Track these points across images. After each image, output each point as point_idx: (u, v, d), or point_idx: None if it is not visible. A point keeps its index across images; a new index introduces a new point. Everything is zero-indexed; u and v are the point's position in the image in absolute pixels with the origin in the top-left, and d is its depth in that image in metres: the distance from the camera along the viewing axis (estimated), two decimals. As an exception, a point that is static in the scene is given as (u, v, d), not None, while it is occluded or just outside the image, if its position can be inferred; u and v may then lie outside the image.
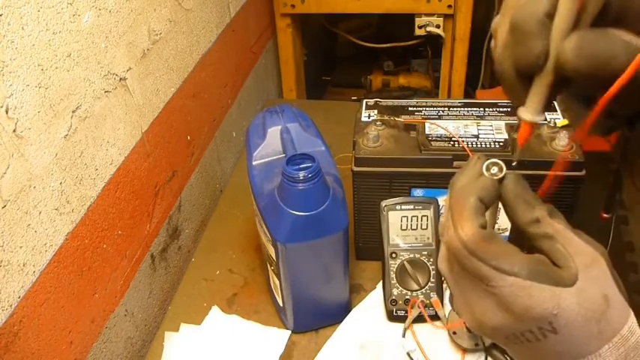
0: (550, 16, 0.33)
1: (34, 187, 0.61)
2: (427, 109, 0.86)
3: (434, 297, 0.78)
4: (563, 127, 0.80)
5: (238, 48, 1.21)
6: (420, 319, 0.78)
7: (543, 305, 0.32)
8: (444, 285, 0.80)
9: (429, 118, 0.84)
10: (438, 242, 0.79)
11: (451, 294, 0.40)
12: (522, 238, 0.37)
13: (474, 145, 0.78)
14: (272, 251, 0.73)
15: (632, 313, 0.34)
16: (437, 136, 0.80)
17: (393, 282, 0.79)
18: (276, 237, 0.69)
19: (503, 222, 0.82)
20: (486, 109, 0.85)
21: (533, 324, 0.33)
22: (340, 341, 0.79)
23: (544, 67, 0.34)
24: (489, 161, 0.37)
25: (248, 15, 1.25)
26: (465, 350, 0.75)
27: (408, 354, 0.75)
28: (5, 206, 0.56)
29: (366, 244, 0.88)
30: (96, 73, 0.70)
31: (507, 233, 0.82)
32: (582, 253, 0.34)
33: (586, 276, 0.33)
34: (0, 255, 0.56)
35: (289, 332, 0.81)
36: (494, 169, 0.37)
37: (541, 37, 0.33)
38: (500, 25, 0.37)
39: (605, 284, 0.34)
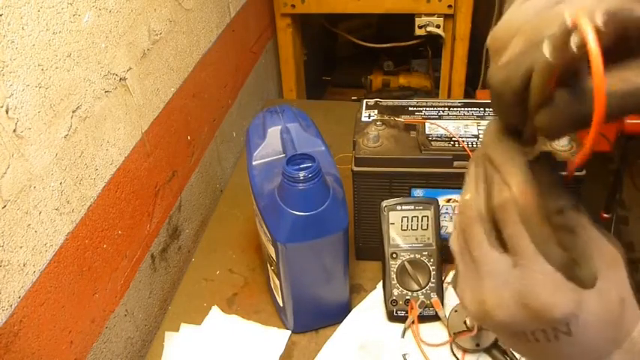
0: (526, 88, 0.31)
1: (34, 187, 0.61)
2: (427, 109, 0.86)
3: (434, 297, 0.78)
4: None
5: (238, 48, 1.21)
6: (420, 319, 0.78)
7: (566, 305, 0.30)
8: (445, 285, 0.80)
9: (429, 118, 0.84)
10: (438, 242, 0.79)
11: (455, 276, 0.37)
12: None
13: (474, 145, 0.78)
14: (272, 251, 0.73)
15: None
16: (437, 136, 0.80)
17: (393, 282, 0.79)
18: (276, 237, 0.69)
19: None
20: (486, 109, 0.85)
21: (549, 324, 0.31)
22: (340, 341, 0.79)
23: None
24: None
25: (248, 15, 1.25)
26: (465, 351, 0.75)
27: (404, 356, 0.75)
28: (5, 206, 0.56)
29: (366, 244, 0.88)
30: (96, 73, 0.70)
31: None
32: (603, 252, 0.32)
33: (607, 277, 0.31)
34: (0, 255, 0.56)
35: (289, 332, 0.81)
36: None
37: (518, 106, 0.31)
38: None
39: (622, 287, 0.32)
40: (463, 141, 0.78)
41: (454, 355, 0.75)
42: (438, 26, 1.29)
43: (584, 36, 0.26)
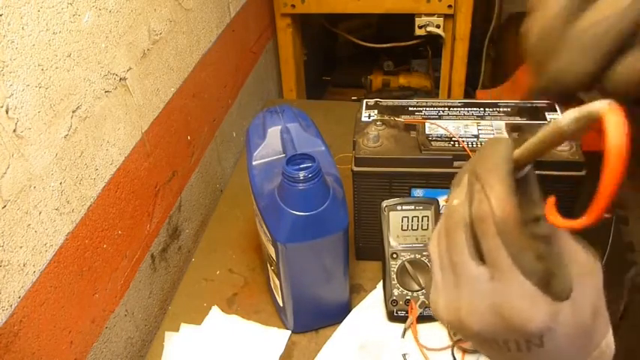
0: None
1: (34, 187, 0.61)
2: (427, 109, 0.86)
3: (434, 297, 0.78)
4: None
5: (238, 48, 1.21)
6: (420, 319, 0.78)
7: (541, 320, 0.30)
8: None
9: (429, 118, 0.84)
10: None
11: (428, 282, 0.37)
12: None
13: (474, 145, 0.78)
14: (272, 251, 0.73)
15: (610, 326, 0.33)
16: (437, 136, 0.80)
17: (393, 282, 0.79)
18: (276, 237, 0.69)
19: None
20: (486, 109, 0.85)
21: (522, 337, 0.31)
22: (340, 341, 0.79)
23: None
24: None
25: (248, 15, 1.25)
26: (465, 351, 0.75)
27: (404, 356, 0.75)
28: (5, 206, 0.56)
29: (367, 244, 0.88)
30: (96, 73, 0.70)
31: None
32: (579, 262, 0.32)
33: (581, 288, 0.31)
34: (0, 255, 0.56)
35: (289, 332, 0.81)
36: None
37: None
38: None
39: (596, 297, 0.32)
40: (463, 141, 0.78)
41: (454, 355, 0.75)
42: (438, 26, 1.28)
43: None
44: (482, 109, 0.86)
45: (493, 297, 0.31)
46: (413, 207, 0.79)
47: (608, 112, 0.26)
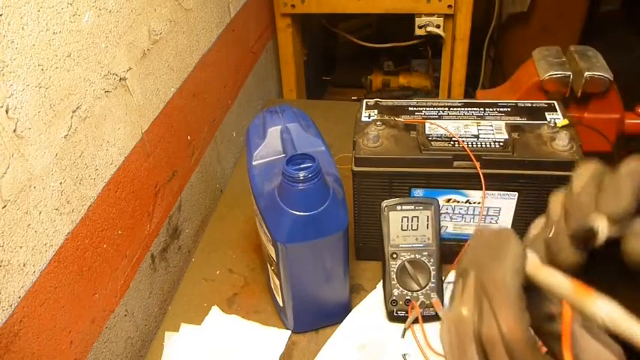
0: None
1: (34, 187, 0.61)
2: (427, 109, 0.86)
3: (434, 297, 0.78)
4: (564, 127, 0.80)
5: (238, 48, 1.21)
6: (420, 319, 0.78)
7: None
8: (444, 285, 0.80)
9: (429, 118, 0.84)
10: (438, 242, 0.79)
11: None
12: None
13: (474, 145, 0.78)
14: (272, 251, 0.73)
15: None
16: (437, 136, 0.80)
17: (393, 282, 0.79)
18: (276, 237, 0.69)
19: (503, 222, 0.82)
20: (486, 109, 0.85)
21: None
22: (340, 341, 0.79)
23: None
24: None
25: (248, 15, 1.25)
26: (465, 350, 0.75)
27: (404, 356, 0.75)
28: (5, 206, 0.56)
29: (366, 244, 0.88)
30: (96, 73, 0.70)
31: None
32: None
33: None
34: (0, 255, 0.56)
35: (289, 332, 0.81)
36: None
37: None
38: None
39: None
40: (463, 141, 0.78)
41: None
42: (438, 26, 1.29)
43: None
44: (482, 109, 0.86)
45: None
46: (413, 207, 0.79)
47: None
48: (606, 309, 0.27)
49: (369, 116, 0.86)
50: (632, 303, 0.33)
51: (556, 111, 0.85)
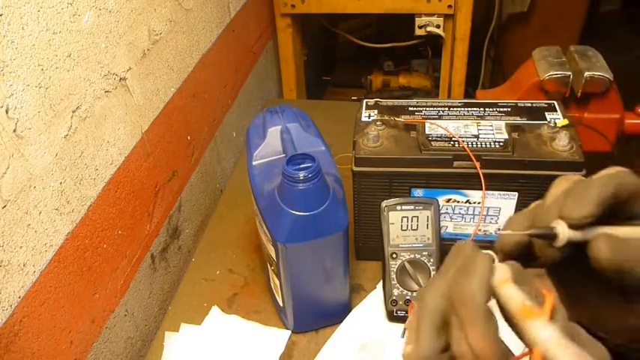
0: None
1: (34, 187, 0.61)
2: (427, 109, 0.86)
3: (434, 297, 0.78)
4: (564, 127, 0.80)
5: (238, 48, 1.21)
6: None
7: None
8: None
9: (429, 118, 0.84)
10: (438, 242, 0.79)
11: None
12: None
13: (474, 145, 0.78)
14: (272, 251, 0.73)
15: None
16: (437, 136, 0.80)
17: (393, 282, 0.79)
18: (276, 237, 0.69)
19: (503, 222, 0.82)
20: (486, 109, 0.85)
21: None
22: (340, 341, 0.79)
23: None
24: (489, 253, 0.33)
25: (248, 15, 1.25)
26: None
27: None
28: (5, 206, 0.56)
29: (366, 244, 0.88)
30: (96, 73, 0.70)
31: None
32: None
33: None
34: (0, 255, 0.56)
35: (289, 332, 0.81)
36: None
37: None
38: None
39: None
40: (463, 141, 0.78)
41: None
42: (438, 26, 1.29)
43: None
44: (482, 109, 0.86)
45: None
46: (413, 207, 0.79)
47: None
48: (544, 334, 0.28)
49: (369, 116, 0.86)
50: (600, 308, 0.34)
51: (556, 111, 0.85)
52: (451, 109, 0.86)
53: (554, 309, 0.30)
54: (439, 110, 0.86)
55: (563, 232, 0.31)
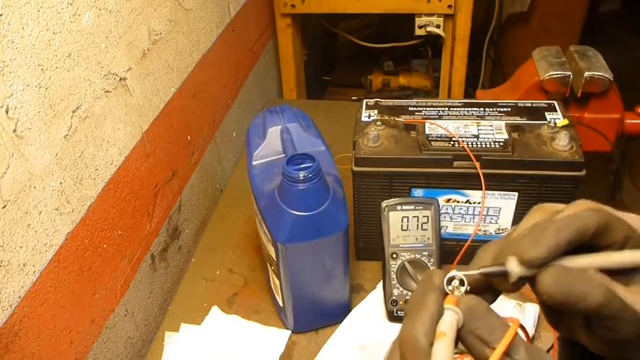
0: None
1: (34, 187, 0.61)
2: (427, 109, 0.86)
3: (434, 297, 0.78)
4: (564, 127, 0.80)
5: (238, 48, 1.21)
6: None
7: None
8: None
9: (429, 118, 0.84)
10: (438, 242, 0.79)
11: None
12: None
13: (474, 145, 0.78)
14: (272, 251, 0.73)
15: None
16: (437, 136, 0.80)
17: (393, 282, 0.79)
18: (276, 237, 0.69)
19: (503, 222, 0.82)
20: (486, 109, 0.85)
21: None
22: (340, 341, 0.79)
23: None
24: (450, 274, 0.33)
25: (248, 15, 1.25)
26: (464, 352, 0.74)
27: None
28: (5, 206, 0.56)
29: (366, 244, 0.88)
30: (96, 73, 0.70)
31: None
32: None
33: None
34: (0, 255, 0.56)
35: (289, 332, 0.81)
36: (455, 283, 0.33)
37: None
38: None
39: None
40: (463, 141, 0.78)
41: None
42: (438, 26, 1.29)
43: None
44: (482, 109, 0.86)
45: None
46: (413, 207, 0.79)
47: None
48: None
49: (369, 116, 0.86)
50: (574, 329, 0.34)
51: (556, 111, 0.85)
52: (451, 109, 0.86)
53: (512, 342, 0.30)
54: (439, 110, 0.86)
55: (514, 271, 0.32)
